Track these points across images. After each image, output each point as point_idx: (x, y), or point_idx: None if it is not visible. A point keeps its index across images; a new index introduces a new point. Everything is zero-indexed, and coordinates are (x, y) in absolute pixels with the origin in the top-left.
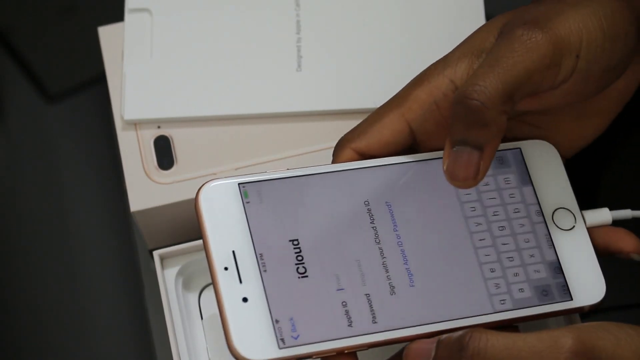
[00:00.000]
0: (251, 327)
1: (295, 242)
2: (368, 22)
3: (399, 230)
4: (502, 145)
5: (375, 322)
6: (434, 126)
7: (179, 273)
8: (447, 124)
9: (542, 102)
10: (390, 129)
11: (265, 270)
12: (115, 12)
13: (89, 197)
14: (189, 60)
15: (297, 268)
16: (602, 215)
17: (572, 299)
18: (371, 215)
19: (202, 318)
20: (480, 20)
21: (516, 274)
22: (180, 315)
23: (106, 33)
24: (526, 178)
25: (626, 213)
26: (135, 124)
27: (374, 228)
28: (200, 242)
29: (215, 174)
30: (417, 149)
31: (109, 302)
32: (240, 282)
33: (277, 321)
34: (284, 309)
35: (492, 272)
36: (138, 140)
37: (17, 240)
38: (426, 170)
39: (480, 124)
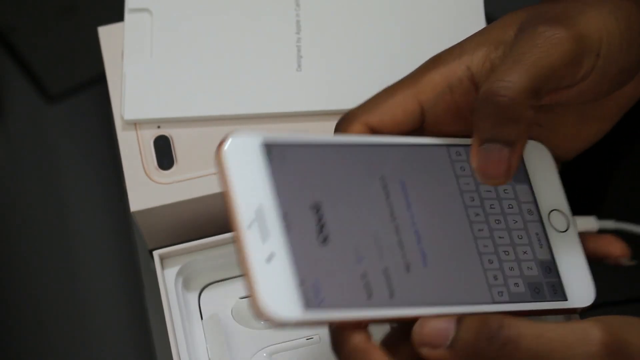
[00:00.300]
0: (276, 287)
1: (318, 208)
2: (368, 22)
3: (412, 210)
4: None
5: (392, 297)
6: (445, 110)
7: (179, 273)
8: (459, 110)
9: (556, 100)
10: (402, 108)
11: (289, 231)
12: (115, 12)
13: (89, 197)
14: (189, 60)
15: (319, 233)
16: (589, 223)
17: (566, 299)
18: (387, 192)
19: (202, 318)
20: (480, 20)
21: (512, 268)
22: (180, 315)
23: (106, 33)
24: (523, 177)
25: (609, 224)
26: (135, 124)
27: (390, 205)
28: (200, 242)
29: (215, 173)
30: (422, 132)
31: (109, 302)
32: (265, 240)
33: (302, 282)
34: (309, 271)
35: (491, 263)
36: (138, 140)
37: (17, 240)
38: (439, 155)
39: (510, 120)
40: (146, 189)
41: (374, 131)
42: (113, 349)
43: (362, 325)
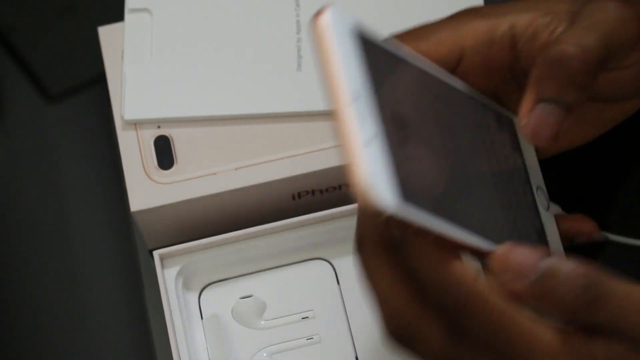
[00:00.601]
0: (375, 172)
1: (398, 107)
2: (368, 22)
3: (458, 141)
4: (499, 107)
5: (456, 218)
6: (480, 63)
7: (179, 273)
8: (491, 67)
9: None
10: (446, 47)
11: (383, 120)
12: (115, 12)
13: (89, 197)
14: (189, 60)
15: (401, 131)
16: (557, 210)
17: None
18: (442, 116)
19: (202, 318)
20: None
21: (520, 227)
22: (180, 315)
23: (106, 33)
24: (518, 148)
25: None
26: (135, 124)
27: (445, 128)
28: (200, 242)
29: (215, 173)
30: None
31: (109, 302)
32: (364, 123)
33: (397, 174)
34: (400, 165)
35: (507, 216)
36: (138, 140)
37: (17, 240)
38: (473, 103)
39: (576, 85)
40: (146, 189)
41: None
42: (113, 349)
43: (429, 239)
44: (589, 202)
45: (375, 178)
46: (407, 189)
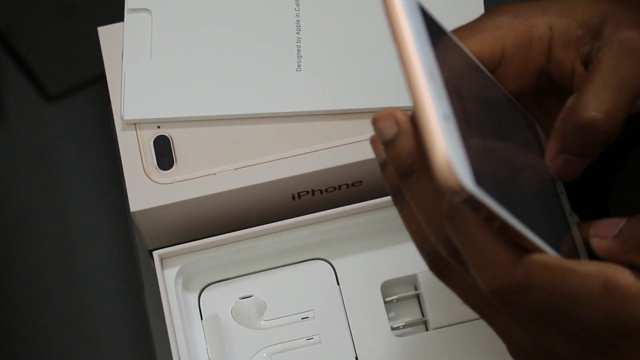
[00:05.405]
0: (454, 151)
1: (459, 94)
2: (368, 22)
3: (500, 131)
4: (522, 108)
5: (512, 208)
6: (517, 64)
7: (179, 273)
8: (525, 69)
9: None
10: (489, 46)
11: (451, 102)
12: (115, 12)
13: (89, 197)
14: (189, 60)
15: (464, 116)
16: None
17: None
18: (489, 110)
19: (202, 318)
20: None
21: (559, 227)
22: (180, 315)
23: (106, 33)
24: (542, 150)
25: None
26: (135, 124)
27: (492, 121)
28: (200, 242)
29: (215, 174)
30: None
31: (109, 302)
32: (441, 101)
33: (468, 156)
34: (469, 150)
35: (547, 213)
36: (138, 140)
37: (17, 240)
38: (512, 104)
39: (600, 145)
40: (146, 189)
41: None
42: (113, 349)
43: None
44: (601, 211)
45: (454, 156)
46: (476, 173)
